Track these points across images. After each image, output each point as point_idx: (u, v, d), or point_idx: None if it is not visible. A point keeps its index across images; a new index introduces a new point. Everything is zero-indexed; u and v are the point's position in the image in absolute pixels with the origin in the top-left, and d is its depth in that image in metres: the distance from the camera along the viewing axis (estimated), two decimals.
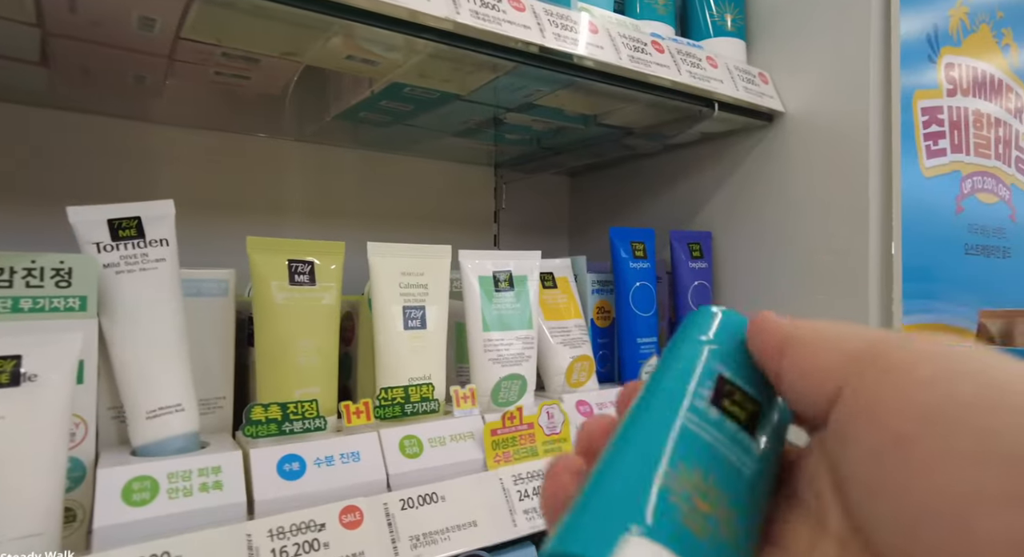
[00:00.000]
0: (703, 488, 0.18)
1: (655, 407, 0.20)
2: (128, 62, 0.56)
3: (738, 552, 0.18)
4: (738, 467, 0.20)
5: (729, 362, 0.22)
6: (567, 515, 0.18)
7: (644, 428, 0.20)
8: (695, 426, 0.20)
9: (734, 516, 0.18)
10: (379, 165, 0.89)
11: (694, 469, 0.19)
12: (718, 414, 0.20)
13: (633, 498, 0.17)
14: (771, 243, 0.77)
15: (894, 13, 0.67)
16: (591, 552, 0.16)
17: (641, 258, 0.75)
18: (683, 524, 0.17)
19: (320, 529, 0.46)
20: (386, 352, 0.56)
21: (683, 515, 0.17)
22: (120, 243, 0.48)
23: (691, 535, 0.17)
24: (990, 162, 0.79)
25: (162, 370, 0.47)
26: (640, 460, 0.19)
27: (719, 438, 0.20)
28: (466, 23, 0.51)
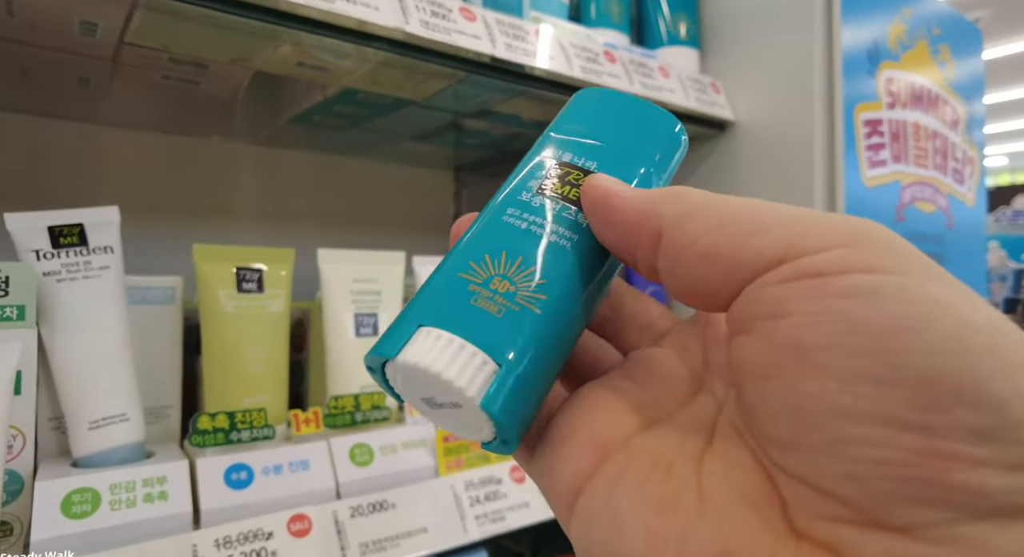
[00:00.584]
0: (505, 271, 0.18)
1: (482, 212, 0.21)
2: (70, 64, 0.55)
3: (552, 321, 0.18)
4: (558, 243, 0.19)
5: (575, 144, 0.21)
6: None
7: (460, 237, 0.20)
8: (510, 217, 0.20)
9: (545, 288, 0.18)
10: (335, 169, 0.89)
11: (498, 257, 0.19)
12: (542, 199, 0.20)
13: (428, 298, 0.18)
14: None
15: (835, 28, 0.69)
16: (385, 351, 0.18)
17: None
18: (474, 306, 0.18)
19: (268, 538, 0.46)
20: (337, 360, 0.56)
21: (475, 299, 0.18)
22: (61, 251, 0.47)
23: (482, 314, 0.18)
24: (928, 172, 0.83)
25: (105, 379, 0.46)
26: (445, 264, 0.19)
27: (536, 221, 0.19)
28: (416, 33, 0.51)
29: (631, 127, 0.22)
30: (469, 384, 0.17)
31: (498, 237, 0.19)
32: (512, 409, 0.17)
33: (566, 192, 0.20)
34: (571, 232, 0.19)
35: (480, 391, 0.17)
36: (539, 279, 0.18)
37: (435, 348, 0.17)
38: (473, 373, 0.17)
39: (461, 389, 0.16)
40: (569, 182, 0.20)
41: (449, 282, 0.19)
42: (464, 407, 0.17)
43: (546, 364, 0.18)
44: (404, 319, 0.18)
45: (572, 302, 0.19)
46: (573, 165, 0.21)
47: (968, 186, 0.91)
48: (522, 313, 0.18)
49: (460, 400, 0.17)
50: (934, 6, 0.85)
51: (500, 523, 0.56)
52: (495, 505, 0.56)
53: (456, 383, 0.16)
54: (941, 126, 0.85)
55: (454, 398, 0.17)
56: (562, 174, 0.20)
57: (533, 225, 0.19)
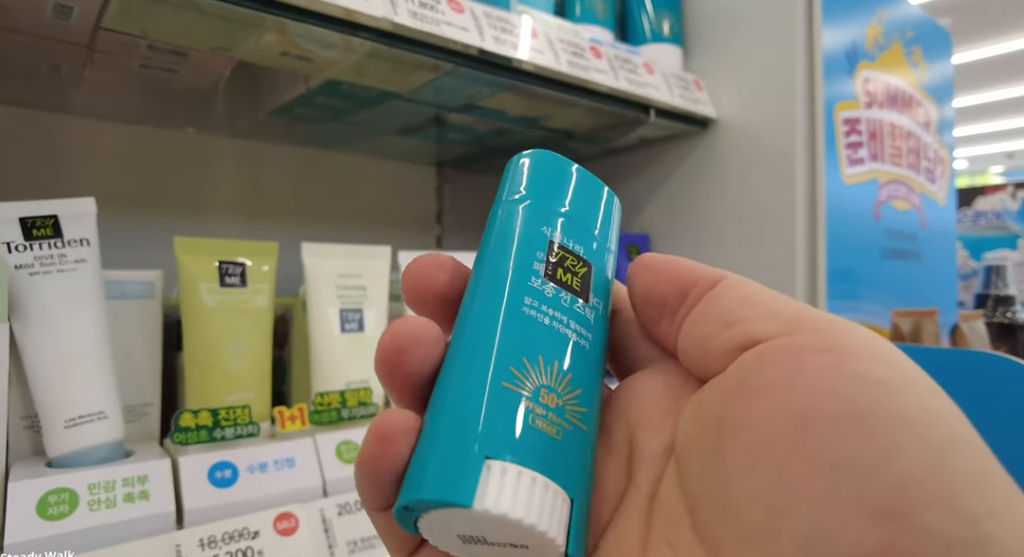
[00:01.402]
0: (548, 381, 0.16)
1: (483, 297, 0.17)
2: (41, 50, 0.53)
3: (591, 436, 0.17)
4: (579, 343, 0.17)
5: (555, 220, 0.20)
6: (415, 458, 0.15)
7: (476, 327, 0.17)
8: (530, 309, 0.17)
9: (582, 398, 0.17)
10: (316, 163, 0.87)
11: (536, 363, 0.16)
12: (552, 288, 0.18)
13: (483, 416, 0.15)
14: (705, 245, 0.79)
15: (816, 28, 0.70)
16: (454, 497, 0.14)
17: None
18: (535, 429, 0.15)
19: (254, 537, 0.45)
20: (322, 356, 0.55)
21: (533, 419, 0.15)
22: (34, 243, 0.46)
23: (545, 439, 0.15)
24: (903, 171, 0.85)
25: (82, 376, 0.45)
26: (477, 363, 0.16)
27: (557, 316, 0.17)
28: (404, 23, 0.50)
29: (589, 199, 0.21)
30: (558, 531, 0.15)
31: (529, 336, 0.17)
32: (583, 544, 0.15)
33: (569, 281, 0.19)
34: (586, 331, 0.18)
35: (564, 535, 0.15)
36: (577, 389, 0.17)
37: (520, 491, 0.14)
38: (559, 517, 0.15)
39: (552, 538, 0.14)
40: (569, 270, 0.19)
41: (500, 396, 0.15)
42: (534, 549, 0.15)
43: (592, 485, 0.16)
44: (459, 445, 0.15)
45: (599, 410, 0.17)
46: (566, 248, 0.19)
47: (940, 185, 0.94)
48: (575, 433, 0.16)
49: (538, 545, 0.15)
50: (908, 9, 0.87)
51: None
52: None
53: (549, 534, 0.14)
54: (915, 126, 0.87)
55: (529, 542, 0.15)
56: (560, 259, 0.19)
57: (556, 322, 0.17)
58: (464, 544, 0.16)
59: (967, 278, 1.60)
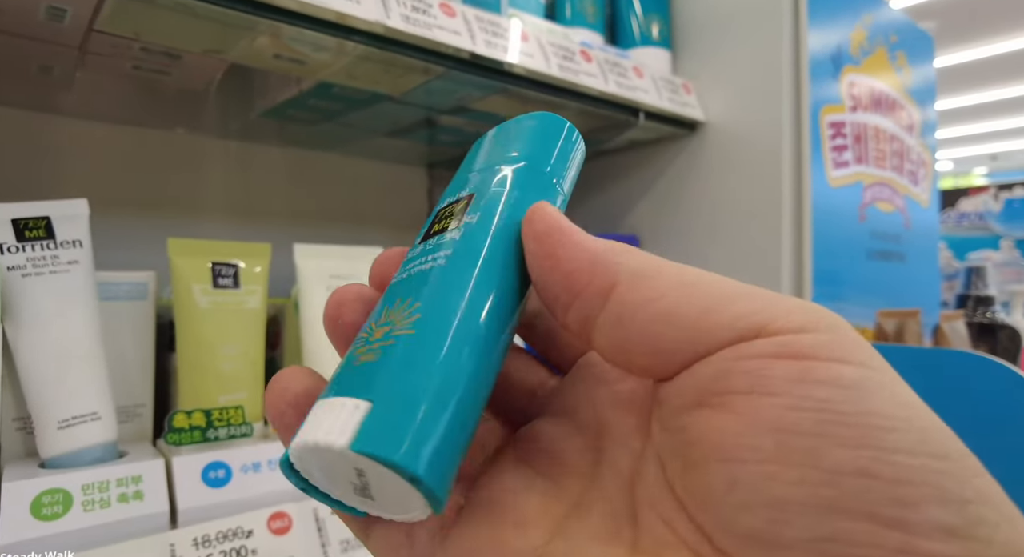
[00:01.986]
0: (381, 320, 0.17)
1: None
2: (32, 51, 0.53)
3: (432, 336, 0.15)
4: (431, 268, 0.17)
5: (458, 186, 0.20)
6: None
7: None
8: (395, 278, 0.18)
9: (421, 309, 0.16)
10: (307, 164, 0.88)
11: (379, 315, 0.17)
12: (421, 245, 0.18)
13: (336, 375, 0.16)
14: (693, 246, 0.80)
15: (802, 32, 0.72)
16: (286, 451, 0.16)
17: None
18: (356, 365, 0.16)
19: (248, 536, 0.45)
20: (314, 356, 0.55)
21: (357, 358, 0.16)
22: (27, 244, 0.46)
23: (362, 367, 0.15)
24: (887, 174, 0.86)
25: (75, 377, 0.45)
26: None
27: (411, 267, 0.18)
28: (396, 27, 0.51)
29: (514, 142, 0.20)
30: (339, 434, 0.14)
31: (382, 301, 0.18)
32: (397, 443, 0.13)
33: (438, 228, 0.18)
34: (448, 250, 0.17)
35: (350, 436, 0.14)
36: (414, 304, 0.16)
37: (313, 421, 0.15)
38: (343, 422, 0.14)
39: (330, 444, 0.14)
40: (443, 218, 0.19)
41: (344, 360, 0.17)
42: (358, 469, 0.14)
43: (437, 387, 0.14)
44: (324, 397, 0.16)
45: (451, 312, 0.16)
46: (449, 204, 0.19)
47: (923, 187, 0.95)
48: (397, 343, 0.15)
49: (340, 459, 0.14)
50: (892, 14, 0.88)
51: None
52: None
53: (324, 440, 0.14)
54: (898, 129, 0.88)
55: (338, 462, 0.14)
56: (437, 218, 0.19)
57: (411, 270, 0.18)
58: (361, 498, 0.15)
59: (951, 278, 1.63)
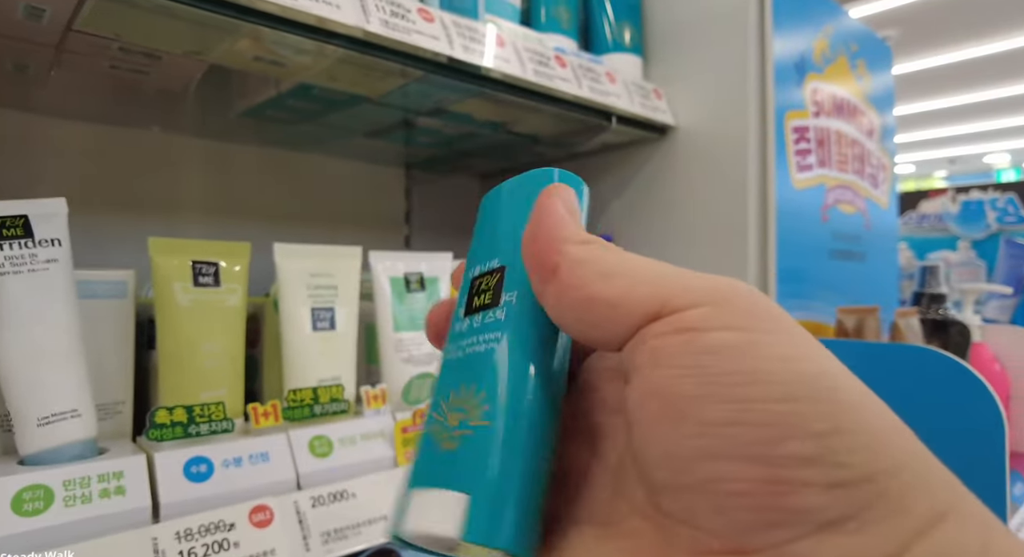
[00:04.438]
0: (458, 404, 0.18)
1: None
2: (7, 50, 0.53)
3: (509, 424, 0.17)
4: (486, 350, 0.18)
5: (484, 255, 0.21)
6: None
7: None
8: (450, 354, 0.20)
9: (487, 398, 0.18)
10: (284, 164, 0.88)
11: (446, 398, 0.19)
12: (467, 321, 0.20)
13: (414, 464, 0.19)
14: (664, 246, 0.83)
15: (767, 41, 0.75)
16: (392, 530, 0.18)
17: None
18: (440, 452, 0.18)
19: (230, 529, 0.46)
20: (294, 354, 0.56)
21: (440, 444, 0.18)
22: (4, 243, 0.46)
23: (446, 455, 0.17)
24: (848, 176, 0.90)
25: (55, 375, 0.45)
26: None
27: (467, 344, 0.19)
28: (376, 32, 0.52)
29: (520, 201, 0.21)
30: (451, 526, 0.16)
31: (446, 379, 0.19)
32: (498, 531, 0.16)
33: (481, 301, 0.20)
34: (497, 332, 0.19)
35: (461, 528, 0.16)
36: (480, 392, 0.18)
37: (415, 509, 0.17)
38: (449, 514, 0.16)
39: (446, 534, 0.16)
40: (483, 291, 0.20)
41: (423, 441, 0.19)
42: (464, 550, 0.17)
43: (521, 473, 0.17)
44: (402, 489, 0.18)
45: (519, 401, 0.18)
46: (483, 274, 0.20)
47: (882, 190, 0.99)
48: (476, 435, 0.17)
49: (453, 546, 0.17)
50: (852, 24, 0.92)
51: None
52: None
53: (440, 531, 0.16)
54: (859, 134, 0.92)
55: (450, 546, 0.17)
56: (475, 288, 0.20)
57: (466, 349, 0.19)
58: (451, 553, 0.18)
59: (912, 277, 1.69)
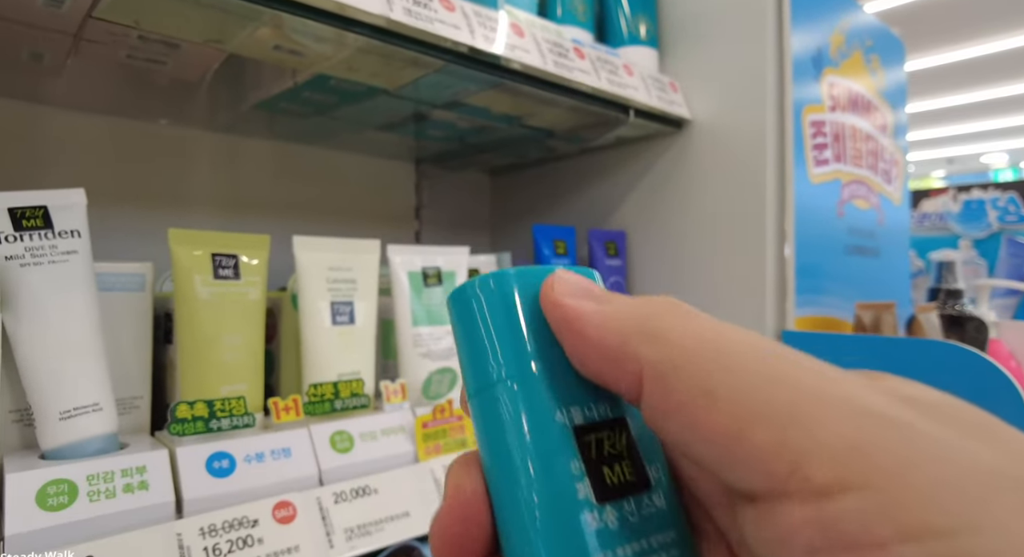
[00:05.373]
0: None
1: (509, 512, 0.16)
2: (25, 37, 0.52)
3: None
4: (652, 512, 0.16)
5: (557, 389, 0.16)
6: None
7: None
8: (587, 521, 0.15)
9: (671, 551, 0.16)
10: (294, 157, 0.87)
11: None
12: (613, 509, 0.15)
13: None
14: (679, 242, 0.82)
15: (785, 34, 0.74)
16: None
17: (563, 255, 0.78)
18: None
19: (253, 525, 0.45)
20: (314, 348, 0.55)
21: None
22: (24, 233, 0.45)
23: None
24: (863, 172, 0.89)
25: (76, 368, 0.44)
26: None
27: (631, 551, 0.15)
28: (399, 20, 0.51)
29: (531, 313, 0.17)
30: None
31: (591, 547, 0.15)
32: None
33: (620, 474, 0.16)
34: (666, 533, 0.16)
35: None
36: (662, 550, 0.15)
37: None
38: None
39: None
40: (613, 456, 0.16)
41: None
42: None
43: None
44: None
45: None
46: (591, 426, 0.16)
47: (895, 186, 0.99)
48: None
49: None
50: (867, 19, 0.91)
51: None
52: None
53: None
54: (873, 130, 0.91)
55: None
56: (597, 452, 0.16)
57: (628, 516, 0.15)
58: None
59: (914, 276, 1.68)
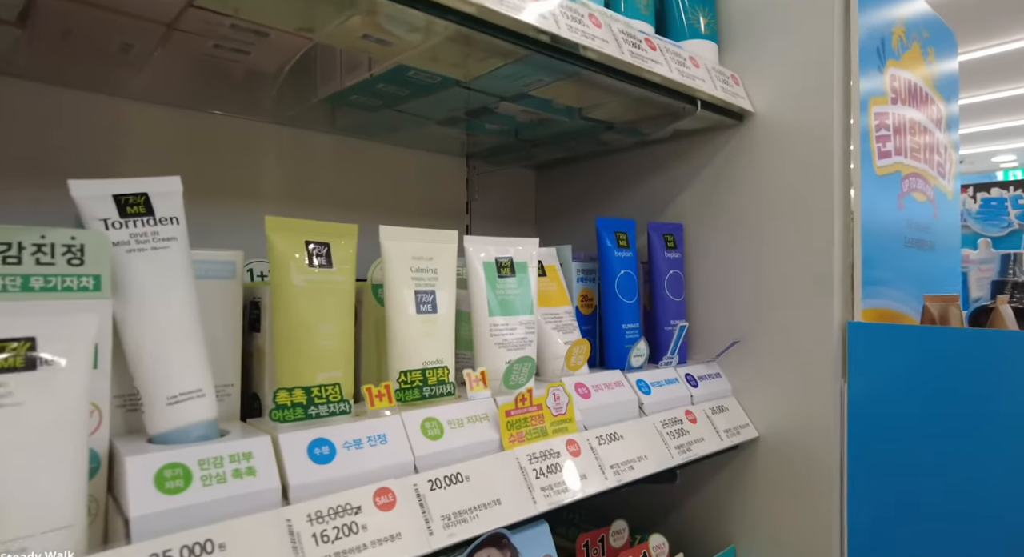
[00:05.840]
0: None
1: None
2: (119, 27, 0.52)
3: None
4: None
5: None
6: None
7: None
8: None
9: None
10: (352, 152, 0.87)
11: None
12: None
13: None
14: (740, 235, 0.82)
15: (853, 25, 0.74)
16: None
17: (624, 247, 0.78)
18: None
19: (356, 512, 0.45)
20: (400, 336, 0.55)
21: None
22: (129, 220, 0.45)
23: None
24: (920, 165, 0.89)
25: (181, 355, 0.45)
26: None
27: None
28: (490, 7, 0.51)
29: None
30: None
31: None
32: None
33: None
34: None
35: None
36: None
37: None
38: None
39: None
40: None
41: None
42: None
43: None
44: None
45: None
46: None
47: (948, 180, 0.98)
48: None
49: None
50: (924, 9, 0.91)
51: (564, 494, 0.56)
52: (557, 477, 0.57)
53: None
54: (929, 123, 0.91)
55: None
56: None
57: None
58: None
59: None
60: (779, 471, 0.78)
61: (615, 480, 0.61)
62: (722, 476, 0.84)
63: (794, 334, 0.76)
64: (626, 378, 0.72)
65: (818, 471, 0.74)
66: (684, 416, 0.73)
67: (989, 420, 0.63)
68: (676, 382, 0.77)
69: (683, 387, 0.77)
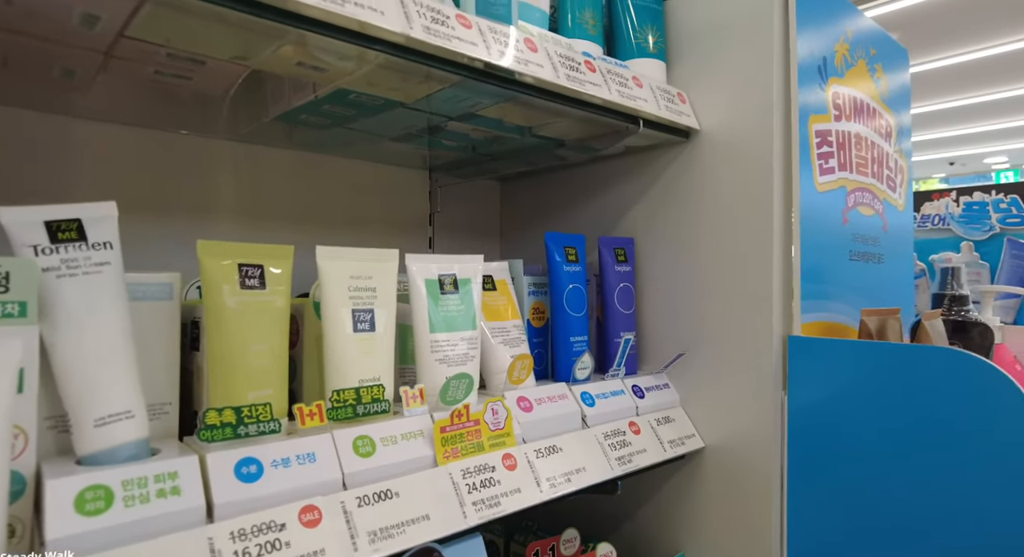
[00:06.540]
0: None
1: None
2: (58, 56, 0.54)
3: None
4: None
5: None
6: None
7: None
8: None
9: None
10: (312, 166, 0.89)
11: None
12: None
13: None
14: (686, 249, 0.84)
15: (792, 44, 0.75)
16: None
17: (573, 262, 0.79)
18: None
19: (281, 529, 0.46)
20: (336, 354, 0.57)
21: None
22: (60, 246, 0.46)
23: None
24: (867, 179, 0.91)
25: (110, 376, 0.46)
26: None
27: None
28: (419, 38, 0.53)
29: None
30: None
31: None
32: None
33: None
34: None
35: None
36: None
37: None
38: None
39: None
40: None
41: None
42: None
43: None
44: None
45: None
46: None
47: (899, 193, 1.00)
48: None
49: None
50: (870, 27, 0.93)
51: (496, 509, 0.58)
52: (490, 491, 0.59)
53: None
54: (877, 137, 0.93)
55: None
56: None
57: None
58: None
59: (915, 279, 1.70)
60: (724, 480, 0.80)
61: (551, 493, 0.63)
62: (671, 485, 0.86)
63: (737, 346, 0.78)
64: (571, 391, 0.73)
65: (759, 481, 0.76)
66: (628, 427, 0.75)
67: (919, 433, 0.65)
68: (622, 393, 0.78)
69: (629, 399, 0.78)
